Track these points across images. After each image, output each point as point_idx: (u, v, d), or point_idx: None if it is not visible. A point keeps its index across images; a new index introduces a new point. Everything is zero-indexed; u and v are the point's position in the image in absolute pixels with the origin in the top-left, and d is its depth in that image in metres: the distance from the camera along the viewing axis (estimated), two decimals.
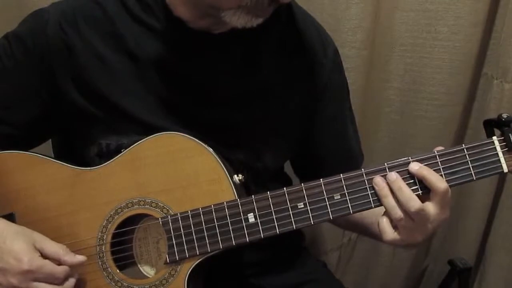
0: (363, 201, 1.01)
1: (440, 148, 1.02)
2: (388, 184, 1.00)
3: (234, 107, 1.14)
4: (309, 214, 1.02)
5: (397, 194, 0.99)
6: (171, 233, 1.05)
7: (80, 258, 1.05)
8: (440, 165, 1.01)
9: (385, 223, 1.02)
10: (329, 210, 1.02)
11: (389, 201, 0.99)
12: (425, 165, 1.00)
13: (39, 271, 1.00)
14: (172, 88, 1.11)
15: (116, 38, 1.09)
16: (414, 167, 1.00)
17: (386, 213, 1.01)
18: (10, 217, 1.10)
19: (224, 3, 0.97)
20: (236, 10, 0.97)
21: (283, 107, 1.17)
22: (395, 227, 1.02)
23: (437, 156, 1.01)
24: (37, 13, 1.13)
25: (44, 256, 1.02)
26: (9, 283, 0.99)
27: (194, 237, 1.04)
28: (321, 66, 1.19)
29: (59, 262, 1.03)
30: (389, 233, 1.01)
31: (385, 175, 1.00)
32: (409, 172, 1.00)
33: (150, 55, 1.09)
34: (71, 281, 1.04)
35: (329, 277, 1.38)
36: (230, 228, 1.03)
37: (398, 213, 0.99)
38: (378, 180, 1.00)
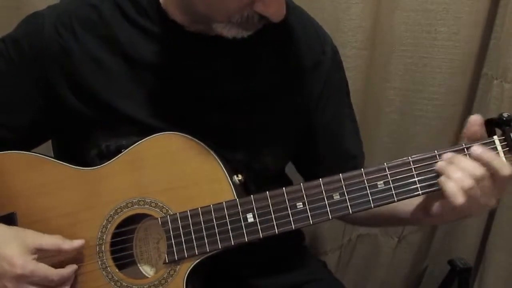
0: (362, 201, 1.01)
1: None
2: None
3: (232, 108, 1.14)
4: (308, 214, 1.02)
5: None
6: (170, 233, 1.05)
7: (78, 242, 1.06)
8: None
9: (454, 187, 0.97)
10: (328, 210, 1.01)
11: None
12: (425, 164, 1.01)
13: (33, 274, 1.00)
14: (170, 90, 1.11)
15: (111, 41, 1.09)
16: (476, 151, 0.98)
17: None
18: (12, 217, 1.10)
19: (215, 16, 0.99)
20: (226, 23, 1.00)
21: (282, 108, 1.17)
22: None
23: (437, 156, 1.01)
24: (33, 17, 1.13)
25: (44, 251, 1.03)
26: (5, 287, 1.00)
27: (193, 237, 1.04)
28: (319, 65, 1.19)
29: (60, 253, 1.04)
30: (460, 196, 0.96)
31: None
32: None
33: (146, 57, 1.09)
34: (67, 283, 1.05)
35: (329, 277, 1.38)
36: (229, 228, 1.03)
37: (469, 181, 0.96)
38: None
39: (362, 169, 1.02)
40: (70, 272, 1.05)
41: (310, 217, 1.02)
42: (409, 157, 1.01)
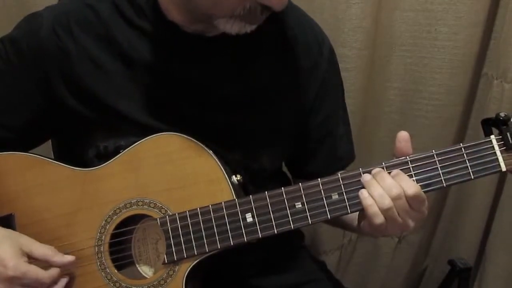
0: (360, 201, 1.01)
1: None
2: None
3: (230, 109, 1.14)
4: (307, 214, 1.02)
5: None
6: (169, 233, 1.05)
7: (69, 258, 1.05)
8: (438, 164, 1.01)
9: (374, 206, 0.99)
10: (327, 209, 1.01)
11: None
12: (422, 164, 1.01)
13: (24, 277, 1.00)
14: (167, 91, 1.11)
15: (109, 41, 1.09)
16: (366, 178, 1.00)
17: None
18: (10, 218, 1.10)
19: (218, 12, 0.98)
20: (229, 18, 0.98)
21: (280, 108, 1.17)
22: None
23: (435, 155, 1.01)
24: (31, 17, 1.13)
25: (33, 258, 1.03)
26: None
27: (192, 237, 1.04)
28: (316, 65, 1.19)
29: (49, 264, 1.03)
30: (380, 217, 0.99)
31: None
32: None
33: (144, 58, 1.09)
34: (59, 284, 1.05)
35: (329, 277, 1.38)
36: (228, 228, 1.03)
37: (386, 201, 0.98)
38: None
39: (360, 169, 1.02)
40: (64, 274, 1.05)
41: (309, 217, 1.02)
42: (407, 157, 1.01)
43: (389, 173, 1.00)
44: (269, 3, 0.96)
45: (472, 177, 1.01)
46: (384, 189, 0.98)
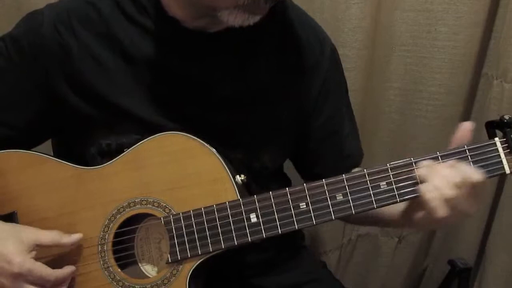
0: (365, 202, 1.01)
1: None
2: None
3: (231, 106, 1.14)
4: (311, 214, 1.02)
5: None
6: (173, 233, 1.05)
7: (76, 236, 1.06)
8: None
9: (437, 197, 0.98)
10: (331, 210, 1.01)
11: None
12: None
13: (29, 274, 0.99)
14: (169, 88, 1.11)
15: (111, 38, 1.09)
16: (422, 171, 1.00)
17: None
18: (12, 216, 1.10)
19: (221, 3, 0.98)
20: (233, 9, 0.98)
21: (281, 107, 1.17)
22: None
23: (439, 157, 1.01)
24: (32, 15, 1.12)
25: (42, 247, 1.03)
26: (2, 284, 1.00)
27: (196, 237, 1.04)
28: (318, 64, 1.19)
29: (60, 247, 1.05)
30: (442, 206, 0.98)
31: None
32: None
33: (145, 55, 1.09)
34: (63, 284, 1.05)
35: (329, 277, 1.38)
36: (232, 228, 1.03)
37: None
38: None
39: (365, 169, 1.02)
40: (67, 274, 1.05)
41: (313, 217, 1.02)
42: (411, 158, 1.01)
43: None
44: None
45: None
46: (443, 179, 0.97)
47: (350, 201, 1.01)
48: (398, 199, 1.01)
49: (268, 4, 0.99)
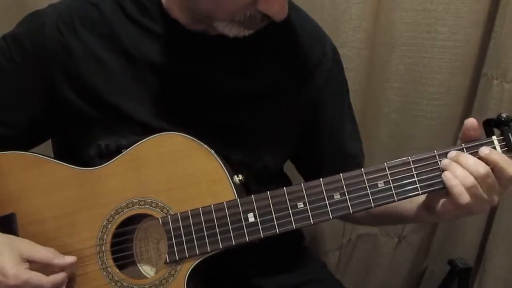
0: (362, 201, 1.01)
1: None
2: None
3: (232, 108, 1.14)
4: (309, 214, 1.02)
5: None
6: (171, 233, 1.05)
7: (69, 259, 1.05)
8: (439, 164, 1.01)
9: (459, 185, 0.98)
10: (329, 210, 1.02)
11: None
12: (424, 164, 1.01)
13: (26, 284, 0.99)
14: (170, 89, 1.11)
15: (113, 39, 1.09)
16: (485, 151, 0.99)
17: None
18: (11, 218, 1.10)
19: (218, 15, 0.99)
20: (229, 23, 1.00)
21: (282, 107, 1.17)
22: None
23: (437, 156, 1.01)
24: (34, 15, 1.13)
25: (34, 263, 1.02)
26: None
27: (194, 237, 1.04)
28: (319, 65, 1.19)
29: (50, 267, 1.03)
30: (464, 194, 0.98)
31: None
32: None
33: (147, 56, 1.09)
34: (61, 286, 1.04)
35: (329, 277, 1.38)
36: (230, 228, 1.03)
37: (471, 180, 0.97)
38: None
39: (362, 169, 1.02)
40: (63, 278, 1.05)
41: (311, 217, 1.02)
42: (409, 157, 1.01)
43: None
44: (269, 12, 0.98)
45: None
46: (468, 168, 0.97)
47: (348, 200, 1.01)
48: (395, 199, 1.01)
49: (263, 23, 1.01)
